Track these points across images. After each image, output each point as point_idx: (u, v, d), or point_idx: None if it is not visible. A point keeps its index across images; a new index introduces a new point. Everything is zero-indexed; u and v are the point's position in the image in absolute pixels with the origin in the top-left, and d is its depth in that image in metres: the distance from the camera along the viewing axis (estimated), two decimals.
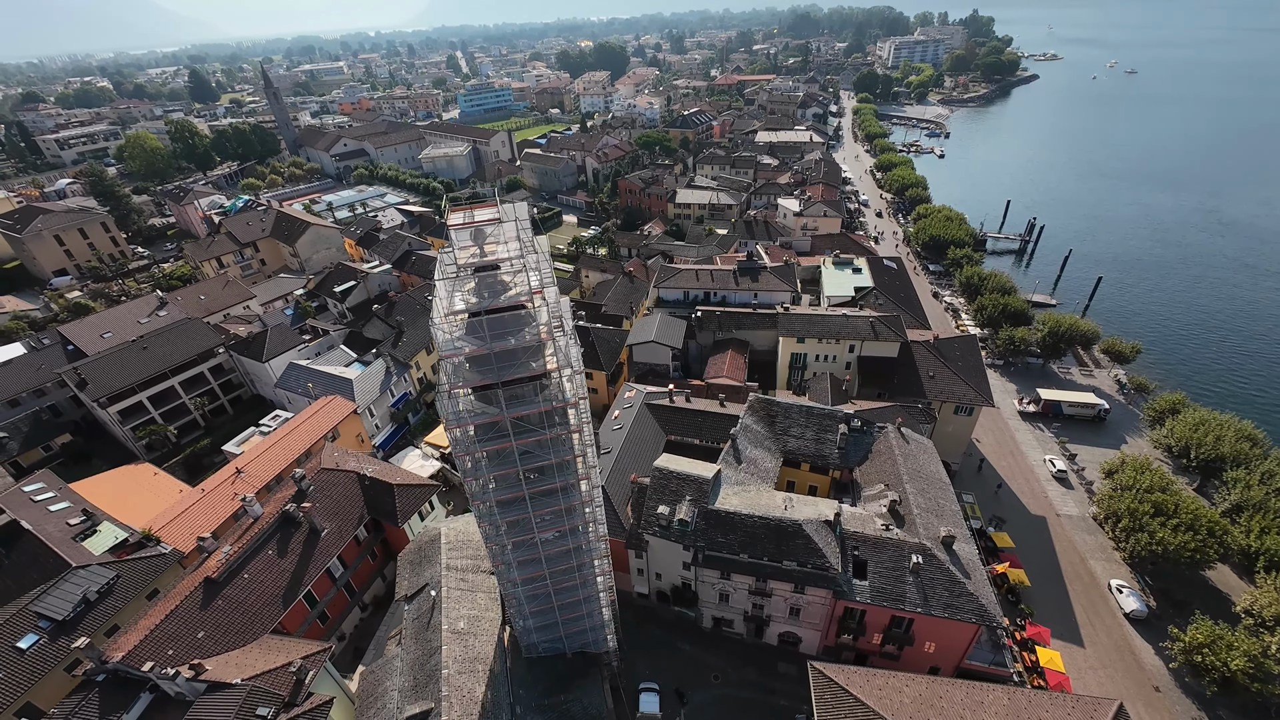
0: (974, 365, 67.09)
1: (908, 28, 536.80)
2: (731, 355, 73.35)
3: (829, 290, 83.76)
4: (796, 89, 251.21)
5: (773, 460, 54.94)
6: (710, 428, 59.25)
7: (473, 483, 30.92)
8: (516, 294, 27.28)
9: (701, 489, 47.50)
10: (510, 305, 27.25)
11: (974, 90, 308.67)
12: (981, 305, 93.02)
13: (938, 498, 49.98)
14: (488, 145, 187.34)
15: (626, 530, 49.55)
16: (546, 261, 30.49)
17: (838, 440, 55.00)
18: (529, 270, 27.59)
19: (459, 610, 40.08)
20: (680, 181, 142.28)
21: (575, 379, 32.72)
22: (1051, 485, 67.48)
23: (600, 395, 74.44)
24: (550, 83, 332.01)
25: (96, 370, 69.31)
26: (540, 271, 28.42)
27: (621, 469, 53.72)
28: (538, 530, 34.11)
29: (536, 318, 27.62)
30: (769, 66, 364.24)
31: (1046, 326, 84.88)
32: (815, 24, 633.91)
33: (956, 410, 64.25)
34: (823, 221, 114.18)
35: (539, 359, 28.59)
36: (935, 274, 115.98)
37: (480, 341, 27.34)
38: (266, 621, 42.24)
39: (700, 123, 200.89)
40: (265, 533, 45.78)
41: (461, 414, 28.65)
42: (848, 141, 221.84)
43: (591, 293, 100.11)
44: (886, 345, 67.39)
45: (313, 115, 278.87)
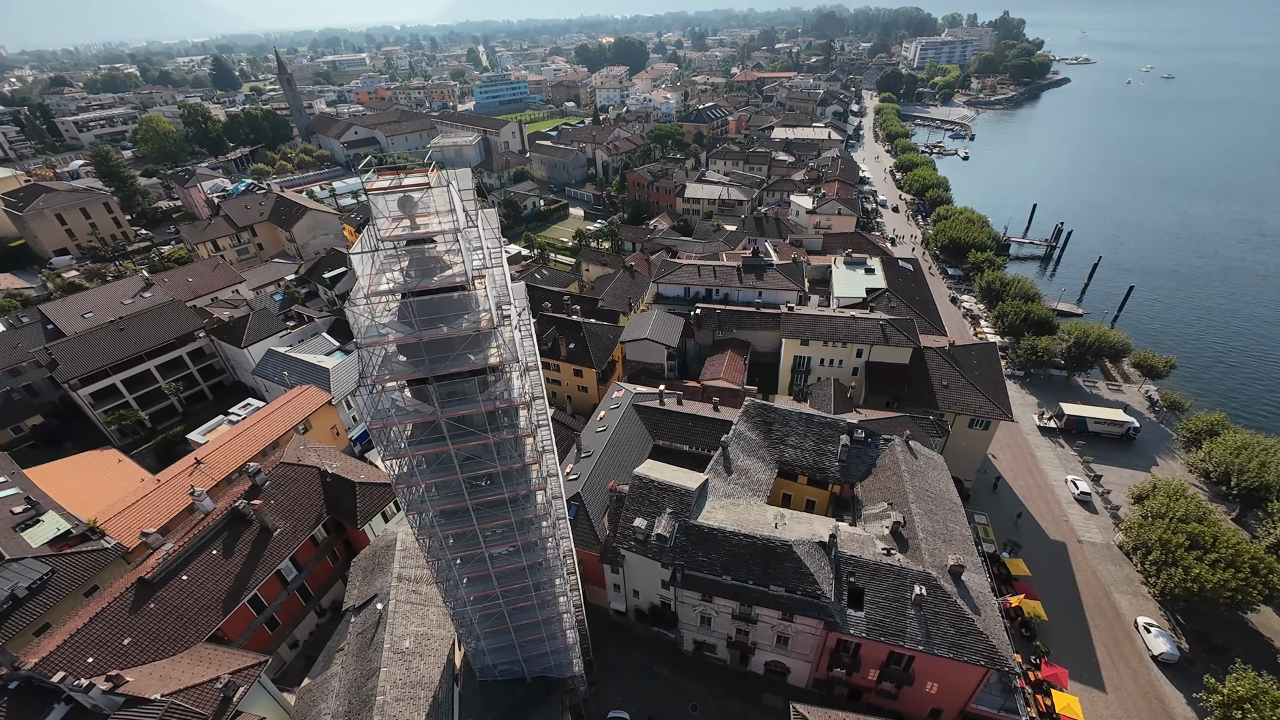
0: (992, 375, 61.96)
1: (935, 29, 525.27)
2: (731, 356, 68.94)
3: (838, 291, 78.92)
4: (817, 87, 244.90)
5: (767, 471, 50.54)
6: (701, 433, 54.97)
7: (407, 490, 27.06)
8: (453, 274, 23.32)
9: (684, 501, 43.28)
10: (444, 287, 23.32)
11: (1002, 92, 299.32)
12: (1002, 312, 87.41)
13: (947, 520, 45.22)
14: (498, 136, 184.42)
15: (601, 543, 45.50)
16: (495, 238, 26.54)
17: (839, 452, 50.44)
18: (469, 247, 23.65)
19: (406, 627, 36.33)
20: (691, 176, 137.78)
21: (529, 376, 28.78)
22: (1073, 508, 62.12)
23: (591, 394, 70.52)
24: (568, 76, 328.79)
25: (69, 350, 66.96)
26: (485, 249, 24.46)
27: (602, 474, 49.68)
28: (486, 545, 30.18)
29: (478, 303, 23.64)
30: (790, 64, 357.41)
31: (1072, 336, 79.15)
32: (840, 23, 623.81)
33: (972, 423, 59.24)
34: (836, 220, 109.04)
35: (481, 351, 24.63)
36: (954, 278, 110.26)
37: (409, 328, 23.45)
38: (202, 628, 38.88)
39: (715, 117, 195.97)
40: (210, 531, 42.50)
41: (387, 411, 24.79)
42: (868, 141, 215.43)
43: (591, 286, 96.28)
44: (898, 351, 62.52)
45: (328, 104, 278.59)
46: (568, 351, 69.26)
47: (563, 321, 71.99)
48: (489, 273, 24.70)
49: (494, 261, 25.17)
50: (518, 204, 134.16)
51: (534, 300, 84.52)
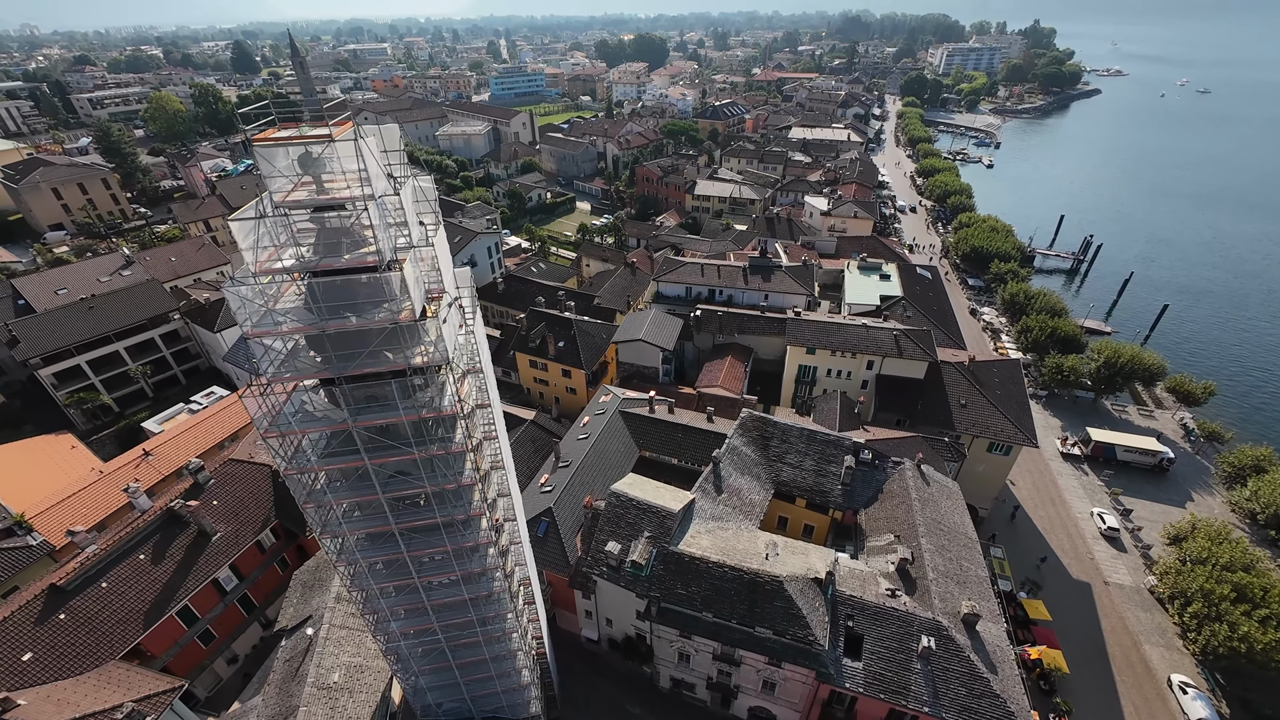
0: (1016, 395, 56.62)
1: (962, 35, 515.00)
2: (730, 362, 64.08)
3: (851, 297, 73.74)
4: (839, 88, 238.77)
5: (761, 492, 45.72)
6: (692, 445, 50.22)
7: (317, 510, 22.67)
8: (368, 252, 18.83)
9: (664, 524, 38.59)
10: (353, 267, 18.86)
11: (1030, 101, 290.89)
12: (1026, 327, 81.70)
13: (961, 558, 40.14)
14: (508, 126, 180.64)
15: (571, 565, 40.94)
16: (431, 211, 22.04)
17: (842, 474, 45.49)
18: (388, 220, 19.17)
19: (337, 656, 32.00)
20: (703, 173, 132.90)
21: (472, 380, 24.28)
22: (1099, 545, 56.61)
23: (579, 396, 66.02)
24: (585, 70, 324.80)
25: (32, 328, 63.64)
26: (416, 225, 19.96)
27: (579, 488, 45.13)
28: (419, 576, 25.75)
29: (400, 289, 19.12)
30: (813, 66, 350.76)
31: (1102, 356, 73.32)
32: (865, 27, 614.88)
33: (991, 448, 53.96)
34: (852, 223, 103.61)
35: (405, 348, 20.13)
36: (975, 289, 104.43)
37: (312, 316, 19.03)
38: (118, 644, 34.83)
39: (732, 115, 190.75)
40: (140, 533, 38.49)
41: (288, 417, 20.39)
42: (889, 145, 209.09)
43: (589, 282, 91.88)
44: (912, 364, 57.34)
45: (343, 91, 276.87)
46: (556, 350, 64.84)
47: (553, 318, 67.57)
48: (416, 254, 20.19)
49: (428, 240, 20.66)
50: (522, 195, 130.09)
51: (527, 295, 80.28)
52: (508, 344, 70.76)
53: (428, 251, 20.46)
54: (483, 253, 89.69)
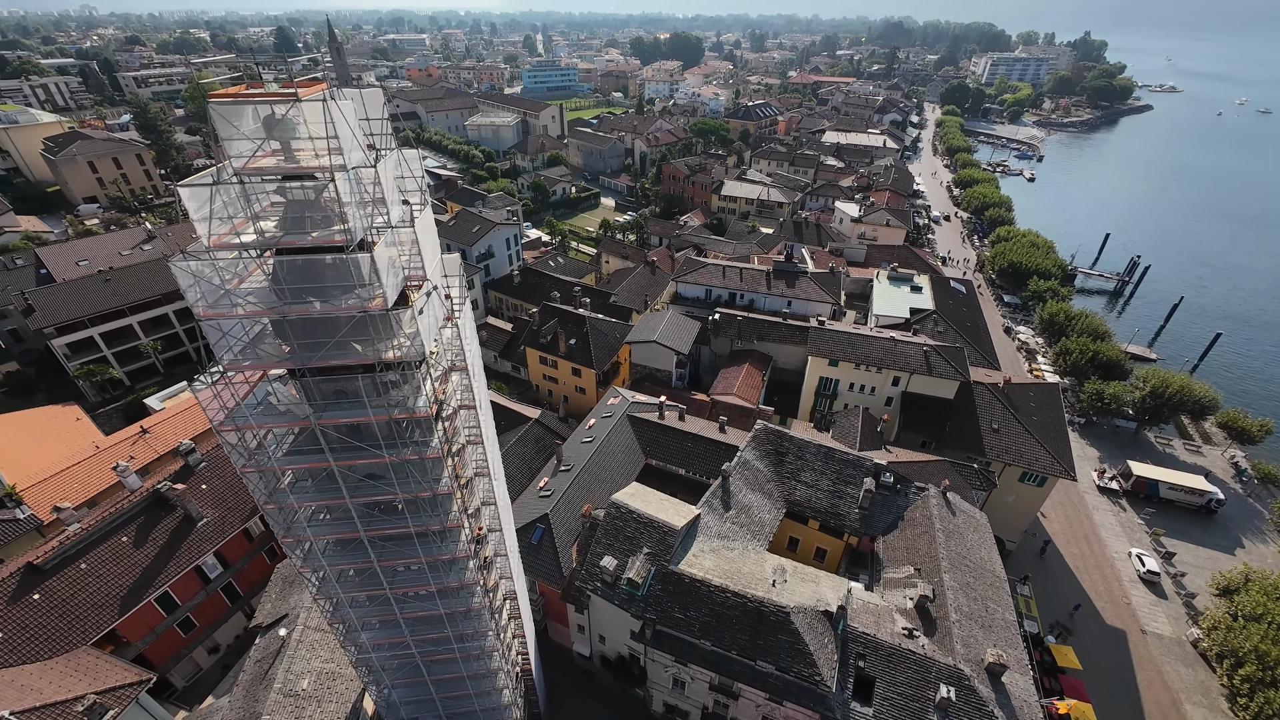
0: (1053, 423, 52.74)
1: (1008, 45, 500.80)
2: (748, 370, 61.20)
3: (879, 308, 70.25)
4: (876, 93, 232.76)
5: (772, 511, 42.89)
6: (701, 456, 47.57)
7: (278, 514, 20.70)
8: (338, 230, 16.68)
9: (665, 541, 36.05)
10: (318, 246, 16.74)
11: (1076, 114, 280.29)
12: (1065, 349, 77.03)
13: (987, 599, 36.82)
14: (537, 119, 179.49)
15: (565, 577, 38.66)
16: (418, 189, 19.85)
17: (860, 497, 42.43)
18: (363, 195, 17.02)
19: (309, 662, 30.18)
20: (731, 173, 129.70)
21: (456, 379, 22.09)
22: (1137, 589, 52.40)
23: (589, 397, 63.83)
24: (618, 67, 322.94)
25: (49, 297, 63.72)
26: (391, 201, 17.77)
27: (579, 494, 42.86)
28: (391, 588, 23.69)
29: (370, 273, 16.94)
30: (850, 70, 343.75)
31: (1149, 385, 68.51)
32: (907, 34, 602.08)
33: (1024, 478, 50.23)
34: (884, 230, 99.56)
35: (376, 341, 18.00)
36: (1010, 306, 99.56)
37: (275, 300, 16.99)
38: (91, 629, 33.60)
39: (764, 115, 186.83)
40: (123, 514, 37.31)
41: (246, 411, 18.40)
42: (926, 154, 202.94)
43: (607, 279, 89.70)
44: (942, 383, 53.82)
45: (378, 78, 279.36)
46: (567, 347, 62.71)
47: (566, 314, 65.45)
48: (393, 236, 18.03)
49: (410, 221, 18.45)
50: (546, 188, 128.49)
51: (542, 289, 78.36)
52: (519, 338, 68.89)
53: (407, 234, 18.26)
54: (501, 244, 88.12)
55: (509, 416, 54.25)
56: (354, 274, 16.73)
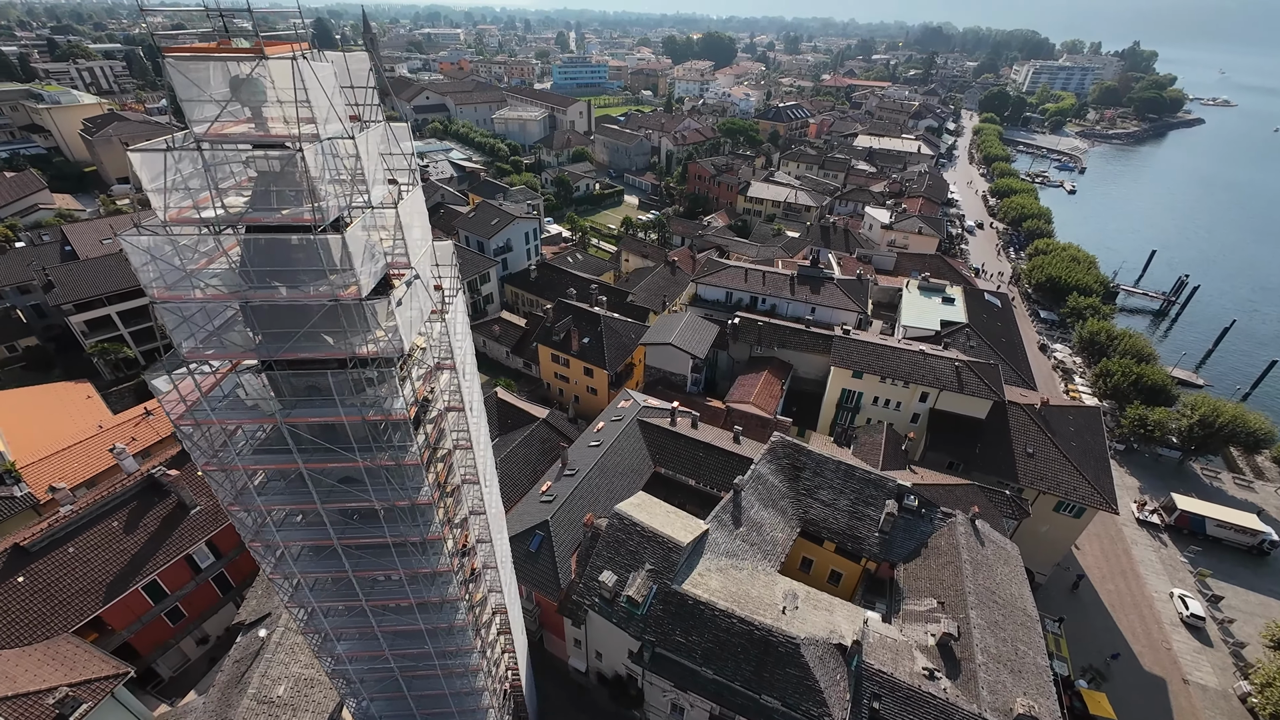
0: (1093, 449, 49.22)
1: (1051, 53, 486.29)
2: (766, 378, 58.64)
3: (907, 319, 66.98)
4: (912, 98, 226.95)
5: (786, 529, 40.43)
6: (713, 467, 45.23)
7: (243, 515, 19.07)
8: (308, 208, 14.85)
9: (669, 557, 33.87)
10: (284, 225, 14.97)
11: (1122, 126, 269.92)
12: (1106, 371, 72.73)
13: (1017, 640, 33.86)
14: (564, 114, 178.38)
15: (562, 589, 36.72)
16: (408, 168, 18.00)
17: (881, 520, 39.72)
18: (338, 169, 15.21)
19: (287, 666, 28.70)
20: (758, 175, 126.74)
21: (445, 378, 20.22)
22: (1179, 633, 48.58)
23: (600, 398, 61.87)
24: (649, 65, 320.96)
25: (70, 273, 63.98)
26: (372, 177, 15.92)
27: (582, 501, 40.90)
28: (367, 600, 21.95)
29: (341, 258, 15.11)
30: (886, 75, 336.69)
31: (1197, 413, 64.09)
32: (946, 39, 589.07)
33: (1060, 507, 46.85)
34: (915, 239, 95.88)
35: (349, 334, 16.18)
36: (1047, 323, 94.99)
37: (240, 284, 15.29)
38: (73, 615, 32.67)
39: (795, 117, 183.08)
40: (116, 498, 36.44)
41: (208, 405, 16.76)
42: (962, 163, 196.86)
43: (626, 278, 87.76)
44: (973, 402, 50.62)
45: (410, 71, 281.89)
46: (580, 346, 60.84)
47: (581, 312, 63.60)
48: (372, 217, 16.19)
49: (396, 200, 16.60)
50: (570, 184, 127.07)
51: (559, 284, 76.68)
52: (532, 334, 67.30)
53: (388, 216, 16.39)
54: (520, 238, 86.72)
55: (516, 415, 52.61)
56: (323, 257, 14.89)
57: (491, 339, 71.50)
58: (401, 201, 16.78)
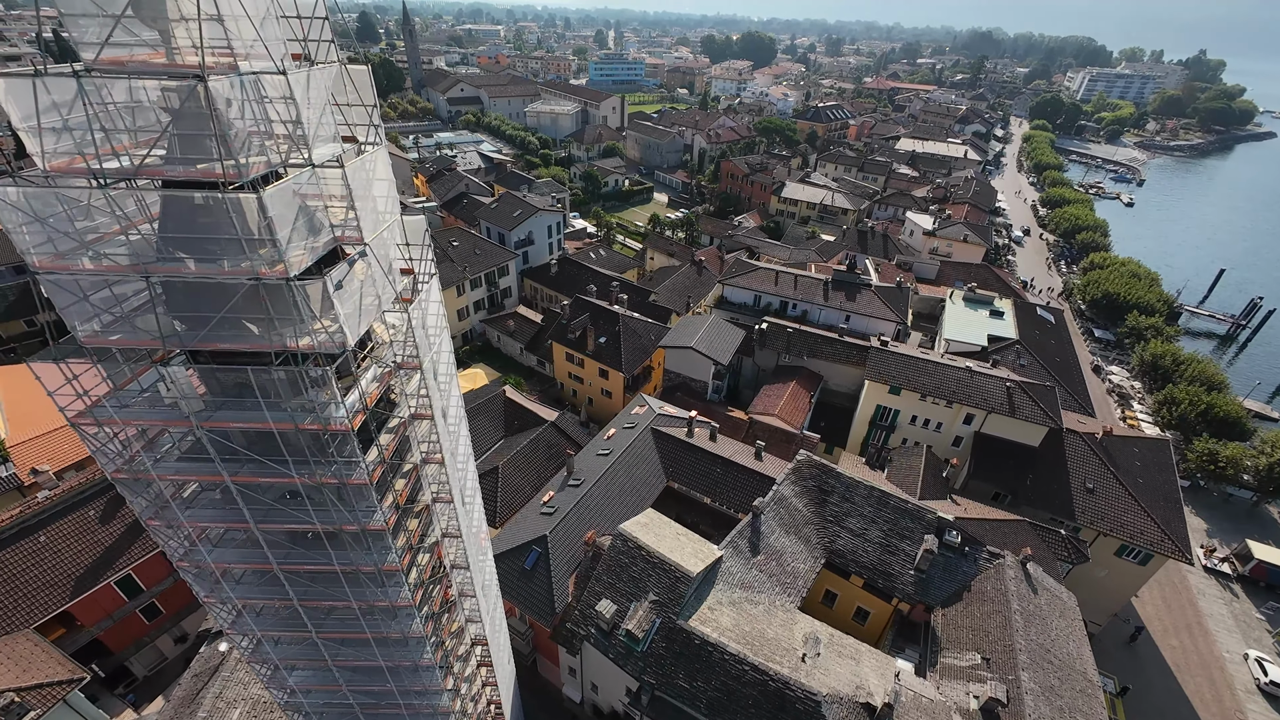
0: (1163, 488, 43.76)
1: (1108, 61, 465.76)
2: (794, 390, 54.40)
3: (950, 332, 61.89)
4: (959, 103, 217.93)
5: (809, 559, 36.39)
6: (731, 485, 41.39)
7: (164, 530, 16.20)
8: (222, 161, 11.70)
9: (676, 588, 30.21)
10: (195, 181, 11.85)
11: (1185, 137, 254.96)
12: (1171, 398, 66.28)
13: (1076, 709, 29.22)
14: (597, 109, 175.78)
15: (557, 613, 33.39)
16: (372, 121, 14.77)
17: (919, 557, 35.35)
18: (270, 115, 12.04)
19: (244, 688, 25.96)
20: (794, 175, 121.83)
21: (413, 379, 17.00)
22: (1255, 702, 42.81)
23: (615, 402, 58.51)
24: (687, 63, 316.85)
25: None
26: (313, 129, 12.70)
27: (585, 515, 37.54)
28: (316, 632, 18.91)
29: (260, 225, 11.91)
30: (931, 79, 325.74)
31: (1277, 451, 57.45)
32: (996, 44, 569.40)
33: (1123, 551, 41.62)
34: (960, 246, 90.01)
35: (280, 321, 12.99)
36: (1102, 342, 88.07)
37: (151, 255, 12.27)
38: (39, 609, 30.68)
39: (834, 118, 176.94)
40: (93, 486, 34.54)
41: (110, 402, 13.81)
42: (1009, 171, 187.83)
43: (649, 277, 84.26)
44: (1025, 428, 45.60)
45: (448, 64, 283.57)
46: (596, 346, 57.56)
47: (599, 310, 60.34)
48: (313, 178, 12.96)
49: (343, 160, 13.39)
50: (598, 178, 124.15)
51: (579, 280, 73.61)
52: (547, 331, 64.34)
53: (333, 177, 13.14)
54: (542, 231, 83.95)
55: (523, 416, 49.60)
56: (236, 224, 11.70)
57: (506, 334, 68.81)
58: (354, 162, 13.56)
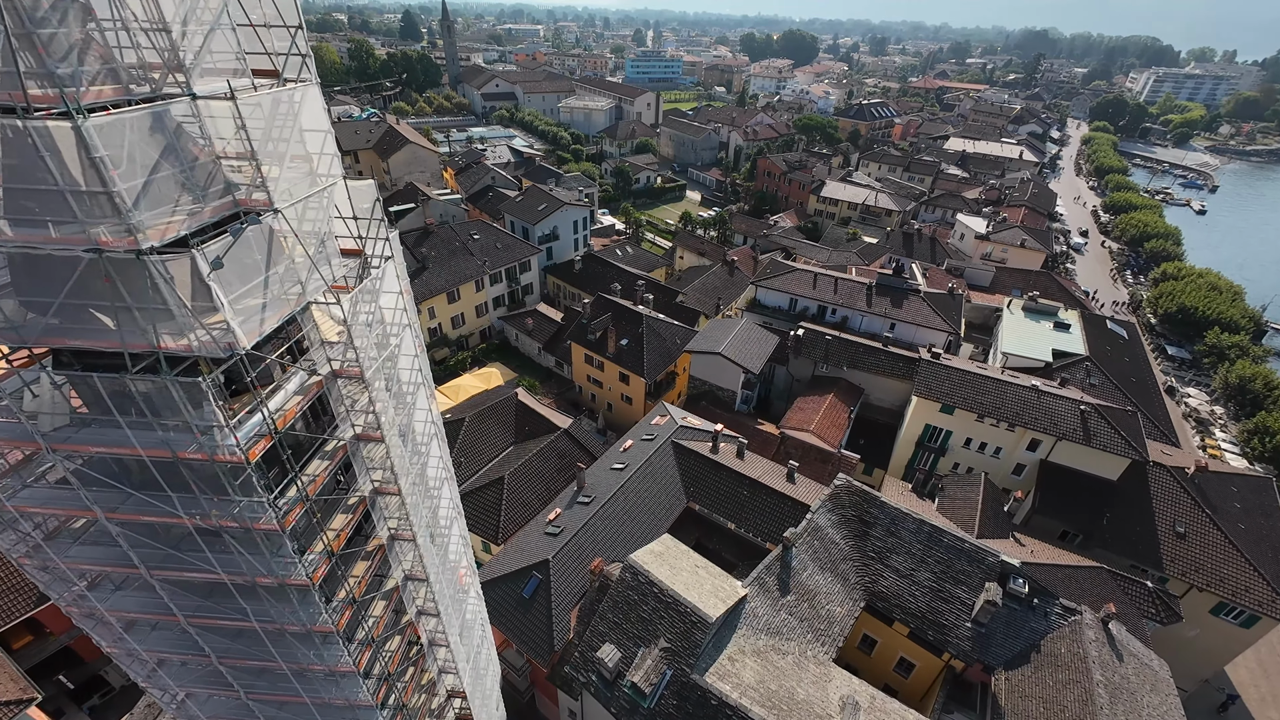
0: (1269, 536, 37.38)
1: (1175, 61, 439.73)
2: (832, 403, 49.45)
3: (1008, 344, 55.85)
4: (1012, 102, 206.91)
5: (846, 602, 31.68)
6: (759, 510, 36.89)
7: (43, 573, 12.93)
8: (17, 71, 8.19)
9: (692, 635, 26.02)
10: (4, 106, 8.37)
11: (1263, 142, 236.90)
12: (1263, 427, 58.75)
13: None
14: (631, 105, 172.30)
15: (556, 651, 29.55)
16: (297, 50, 11.15)
17: (977, 607, 30.30)
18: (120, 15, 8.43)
19: None
20: (835, 174, 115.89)
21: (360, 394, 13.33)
22: None
23: (635, 409, 54.56)
24: (725, 61, 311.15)
25: None
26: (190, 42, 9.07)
27: (593, 538, 33.65)
28: (245, 693, 15.46)
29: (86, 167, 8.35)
30: (981, 78, 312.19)
31: None
32: (1052, 44, 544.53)
33: (1220, 609, 35.53)
34: (1017, 252, 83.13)
35: (141, 311, 9.39)
36: (1176, 361, 79.92)
37: None
38: (3, 615, 28.42)
39: (879, 116, 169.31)
40: None
41: None
42: (1067, 175, 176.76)
43: (678, 276, 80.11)
44: (1103, 458, 39.77)
45: (486, 61, 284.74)
46: (617, 348, 53.69)
47: (622, 309, 56.46)
48: (202, 115, 9.32)
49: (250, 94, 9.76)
50: (630, 175, 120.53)
51: (604, 278, 69.92)
52: (567, 331, 60.84)
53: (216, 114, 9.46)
54: (568, 227, 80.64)
55: (535, 422, 46.10)
56: (53, 167, 8.11)
57: (523, 333, 65.62)
58: (258, 96, 9.90)
